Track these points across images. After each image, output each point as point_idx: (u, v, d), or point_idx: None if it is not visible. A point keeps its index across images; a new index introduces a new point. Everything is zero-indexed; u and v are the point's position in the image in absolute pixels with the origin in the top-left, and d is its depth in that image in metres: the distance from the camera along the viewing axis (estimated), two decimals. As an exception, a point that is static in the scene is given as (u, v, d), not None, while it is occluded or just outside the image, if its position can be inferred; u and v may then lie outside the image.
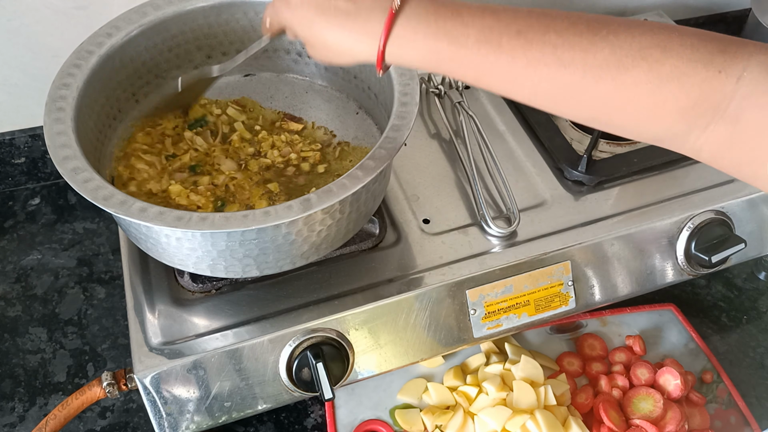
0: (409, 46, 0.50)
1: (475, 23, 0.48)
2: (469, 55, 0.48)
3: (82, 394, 0.64)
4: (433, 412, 0.72)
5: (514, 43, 0.47)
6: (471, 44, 0.48)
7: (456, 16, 0.49)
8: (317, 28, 0.52)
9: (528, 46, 0.47)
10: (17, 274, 0.87)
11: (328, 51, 0.53)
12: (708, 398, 0.75)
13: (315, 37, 0.53)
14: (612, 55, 0.45)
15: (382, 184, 0.66)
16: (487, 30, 0.48)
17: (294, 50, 0.78)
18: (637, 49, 0.45)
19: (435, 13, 0.49)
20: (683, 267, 0.75)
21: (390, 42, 0.50)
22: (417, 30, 0.49)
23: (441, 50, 0.49)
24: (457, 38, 0.48)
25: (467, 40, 0.48)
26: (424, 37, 0.49)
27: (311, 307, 0.65)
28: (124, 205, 0.55)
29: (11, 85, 0.88)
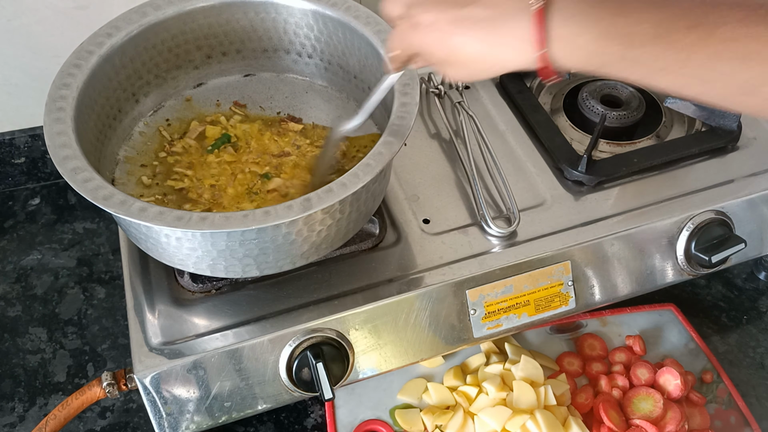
0: (573, 48, 0.45)
1: (648, 18, 0.44)
2: (644, 54, 0.44)
3: (82, 394, 0.64)
4: (433, 412, 0.72)
5: (691, 38, 0.43)
6: (646, 42, 0.44)
7: (624, 12, 0.44)
8: (456, 43, 0.48)
9: (707, 41, 0.43)
10: (17, 274, 0.87)
11: (472, 67, 0.49)
12: (708, 398, 0.75)
13: (455, 54, 0.48)
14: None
15: (382, 184, 0.66)
16: (660, 26, 0.43)
17: (294, 50, 0.78)
18: None
19: (598, 9, 0.44)
20: (683, 267, 0.75)
21: (551, 45, 0.45)
22: (581, 31, 0.45)
23: (611, 52, 0.45)
24: (631, 37, 0.44)
25: (643, 38, 0.44)
26: (594, 38, 0.44)
27: (311, 307, 0.65)
28: (124, 205, 0.55)
29: (11, 85, 0.88)
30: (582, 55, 0.46)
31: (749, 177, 0.77)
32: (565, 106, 0.87)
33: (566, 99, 0.88)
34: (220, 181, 0.68)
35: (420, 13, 0.49)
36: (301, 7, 0.73)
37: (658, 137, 0.83)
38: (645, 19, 0.44)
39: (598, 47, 0.45)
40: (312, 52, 0.77)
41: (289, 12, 0.74)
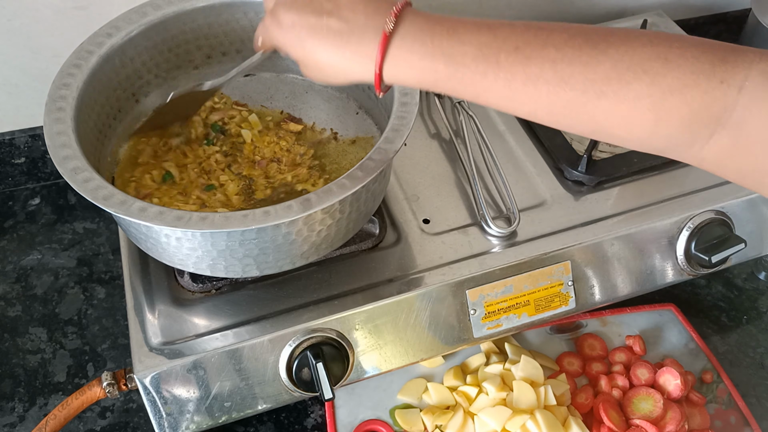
0: (405, 66, 0.49)
1: (472, 40, 0.47)
2: (467, 73, 0.47)
3: (82, 394, 0.64)
4: (433, 412, 0.72)
5: (513, 60, 0.46)
6: (468, 62, 0.47)
7: (452, 34, 0.48)
8: (309, 48, 0.51)
9: (527, 63, 0.46)
10: (17, 274, 0.87)
11: (321, 71, 0.52)
12: (708, 398, 0.75)
13: (307, 57, 0.52)
14: (613, 69, 0.44)
15: (382, 184, 0.66)
16: (484, 47, 0.47)
17: (294, 50, 0.78)
18: (638, 62, 0.44)
19: (430, 32, 0.48)
20: (683, 267, 0.75)
21: (386, 62, 0.49)
22: (413, 50, 0.48)
23: (438, 70, 0.48)
24: (454, 57, 0.47)
25: (464, 58, 0.47)
26: (421, 57, 0.48)
27: (311, 307, 0.65)
28: (124, 205, 0.55)
29: (11, 85, 0.88)
30: (414, 74, 0.49)
31: (749, 177, 0.77)
32: (565, 106, 0.87)
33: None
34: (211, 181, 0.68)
35: (284, 12, 0.52)
36: (301, 7, 0.73)
37: (658, 137, 0.83)
38: (470, 41, 0.47)
39: (428, 67, 0.48)
40: (312, 52, 0.77)
41: (289, 12, 0.74)
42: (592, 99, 0.45)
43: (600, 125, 0.47)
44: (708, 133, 0.44)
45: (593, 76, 0.45)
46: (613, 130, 0.47)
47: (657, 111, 0.44)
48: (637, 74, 0.44)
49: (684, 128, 0.45)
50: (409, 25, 0.49)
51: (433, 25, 0.49)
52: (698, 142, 0.45)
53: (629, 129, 0.46)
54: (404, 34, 0.49)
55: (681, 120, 0.44)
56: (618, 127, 0.46)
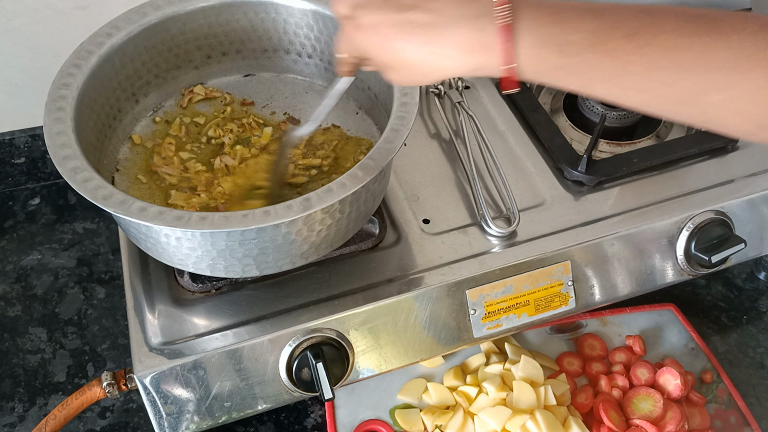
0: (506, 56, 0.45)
1: (581, 27, 0.44)
2: (579, 63, 0.44)
3: (82, 394, 0.64)
4: (433, 412, 0.72)
5: (629, 47, 0.43)
6: (580, 52, 0.44)
7: (559, 21, 0.44)
8: (396, 48, 0.47)
9: (643, 51, 0.43)
10: (17, 274, 0.87)
11: (411, 71, 0.48)
12: (708, 398, 0.75)
13: (396, 58, 0.48)
14: (733, 57, 0.42)
15: (382, 183, 0.66)
16: (597, 33, 0.44)
17: (294, 50, 0.78)
18: (754, 50, 0.42)
19: (536, 19, 0.44)
20: (683, 267, 0.75)
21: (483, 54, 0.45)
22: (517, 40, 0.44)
23: (547, 60, 0.45)
24: (564, 47, 0.44)
25: (575, 47, 0.44)
26: (527, 47, 0.45)
27: (311, 307, 0.65)
28: (124, 205, 0.55)
29: (11, 85, 0.88)
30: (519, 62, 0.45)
31: (749, 177, 0.77)
32: (565, 106, 0.87)
33: (566, 99, 0.88)
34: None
35: (363, 14, 0.48)
36: (301, 7, 0.73)
37: (658, 137, 0.83)
38: (581, 28, 0.44)
39: (534, 56, 0.45)
40: (312, 52, 0.77)
41: (289, 12, 0.74)
42: (710, 88, 0.43)
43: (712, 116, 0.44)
44: None
45: (713, 64, 0.42)
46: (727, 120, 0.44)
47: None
48: (754, 63, 0.42)
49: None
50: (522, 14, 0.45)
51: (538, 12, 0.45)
52: None
53: (745, 119, 0.44)
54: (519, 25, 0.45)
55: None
56: (733, 117, 0.44)
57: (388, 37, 0.47)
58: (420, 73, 0.48)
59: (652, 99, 0.45)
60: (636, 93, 0.45)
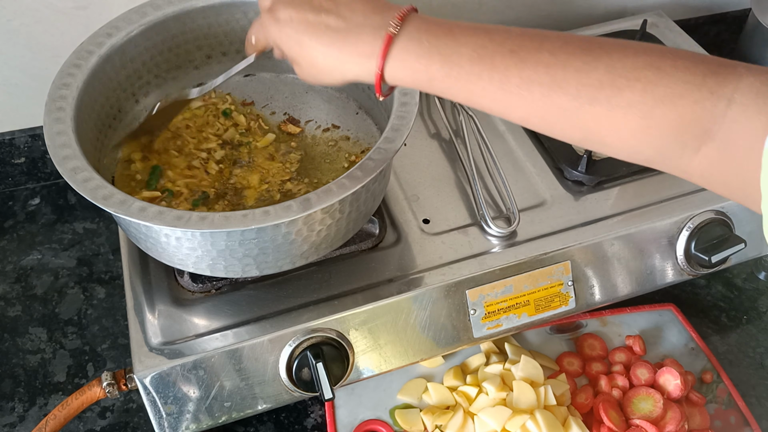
0: (401, 66, 0.49)
1: (468, 42, 0.48)
2: (462, 74, 0.48)
3: (82, 394, 0.64)
4: (433, 412, 0.72)
5: (508, 62, 0.46)
6: (463, 63, 0.47)
7: (448, 35, 0.48)
8: (305, 45, 0.51)
9: (521, 65, 0.46)
10: (17, 274, 0.87)
11: (316, 70, 0.52)
12: (708, 398, 0.75)
13: (303, 56, 0.52)
14: (606, 75, 0.45)
15: (382, 183, 0.66)
16: (480, 48, 0.47)
17: (294, 50, 0.78)
18: (631, 69, 0.44)
19: (427, 32, 0.48)
20: (683, 267, 0.75)
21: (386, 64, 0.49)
22: (408, 49, 0.49)
23: (433, 70, 0.48)
24: (450, 57, 0.48)
25: (460, 58, 0.47)
26: (417, 57, 0.48)
27: (311, 307, 0.65)
28: (124, 205, 0.55)
29: (11, 85, 0.88)
30: (409, 74, 0.49)
31: (749, 177, 0.77)
32: (565, 106, 0.87)
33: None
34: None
35: (283, 9, 0.52)
36: (301, 7, 0.73)
37: (658, 137, 0.83)
38: (466, 42, 0.48)
39: (423, 67, 0.48)
40: (312, 52, 0.77)
41: (289, 12, 0.74)
42: (585, 104, 0.45)
43: (591, 132, 0.47)
44: (697, 144, 0.45)
45: (586, 81, 0.45)
46: (604, 137, 0.47)
47: (648, 119, 0.45)
48: (630, 81, 0.44)
49: (673, 138, 0.45)
50: (410, 27, 0.49)
51: (431, 26, 0.49)
52: (687, 153, 0.45)
53: (619, 136, 0.46)
54: (405, 35, 0.49)
55: (671, 129, 0.45)
56: (608, 134, 0.46)
57: (300, 33, 0.51)
58: (323, 71, 0.52)
59: (531, 114, 0.48)
60: (516, 108, 0.48)
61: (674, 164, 0.47)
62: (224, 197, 0.67)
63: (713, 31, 1.14)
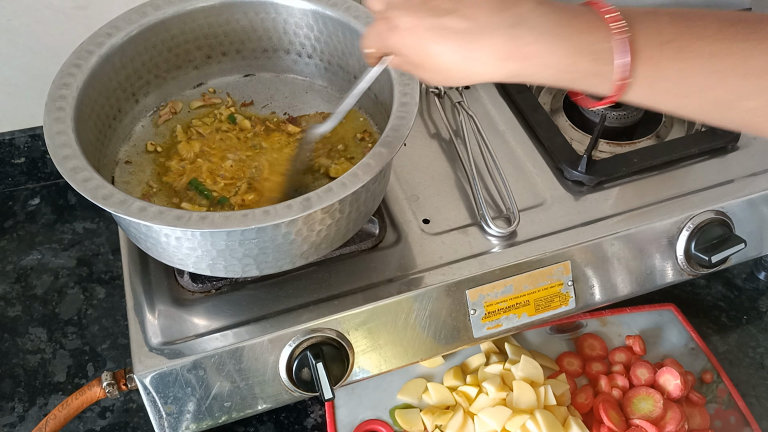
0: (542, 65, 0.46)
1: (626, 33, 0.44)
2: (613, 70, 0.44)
3: (82, 394, 0.64)
4: (433, 412, 0.72)
5: (663, 55, 0.43)
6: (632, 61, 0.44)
7: (592, 29, 0.44)
8: (431, 52, 0.47)
9: (678, 57, 0.43)
10: (17, 274, 0.87)
11: (443, 74, 0.49)
12: (708, 398, 0.75)
13: (429, 61, 0.48)
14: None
15: (382, 183, 0.66)
16: (634, 41, 0.44)
17: (294, 50, 0.78)
18: None
19: (567, 25, 0.45)
20: (683, 267, 0.75)
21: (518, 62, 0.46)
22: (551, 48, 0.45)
23: (581, 69, 0.45)
24: (599, 54, 0.44)
25: (607, 54, 0.44)
26: (562, 55, 0.45)
27: (311, 307, 0.65)
28: (124, 205, 0.55)
29: (11, 85, 0.88)
30: (553, 72, 0.46)
31: (749, 177, 0.77)
32: (565, 106, 0.87)
33: (566, 99, 0.88)
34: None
35: (400, 15, 0.48)
36: (301, 7, 0.73)
37: (658, 137, 0.83)
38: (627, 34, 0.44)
39: (569, 63, 0.45)
40: (312, 53, 0.77)
41: (289, 12, 0.74)
42: (747, 94, 0.43)
43: (749, 121, 0.44)
44: None
45: (750, 71, 0.42)
46: (764, 126, 0.44)
47: None
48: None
49: None
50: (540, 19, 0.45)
51: (570, 19, 0.45)
52: None
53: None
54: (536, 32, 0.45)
55: None
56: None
57: (424, 40, 0.47)
58: (454, 76, 0.49)
59: (690, 104, 0.45)
60: (673, 98, 0.45)
61: None
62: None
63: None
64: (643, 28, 0.44)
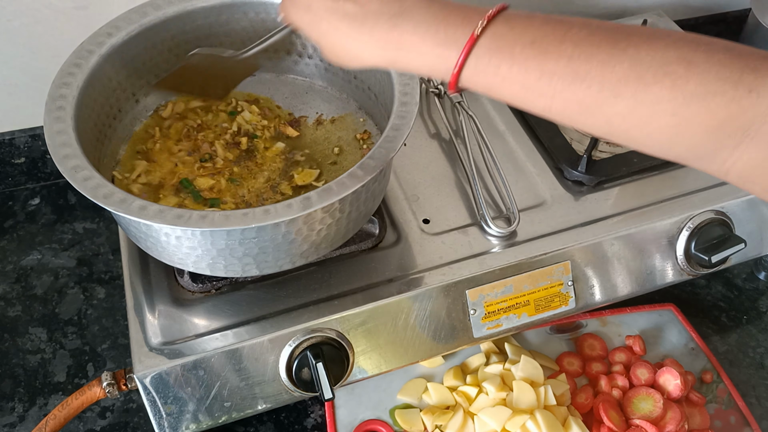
0: (416, 53, 0.48)
1: (486, 31, 0.46)
2: (480, 65, 0.46)
3: (82, 394, 0.64)
4: (433, 412, 0.72)
5: (528, 53, 0.45)
6: (482, 54, 0.46)
7: (466, 23, 0.46)
8: (324, 30, 0.51)
9: (542, 57, 0.44)
10: (17, 274, 0.87)
11: (336, 54, 0.52)
12: (708, 398, 0.75)
13: (323, 39, 0.52)
14: (632, 69, 0.42)
15: (382, 183, 0.66)
16: (498, 38, 0.45)
17: (294, 51, 0.78)
18: (660, 64, 0.42)
19: (445, 21, 0.47)
20: (683, 267, 0.75)
21: (396, 50, 0.48)
22: (425, 38, 0.47)
23: (449, 59, 0.47)
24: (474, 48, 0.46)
25: (478, 49, 0.46)
26: (434, 45, 0.47)
27: (311, 307, 0.65)
28: (124, 204, 0.55)
29: (11, 85, 0.88)
30: (425, 62, 0.48)
31: (749, 177, 0.77)
32: (565, 106, 0.87)
33: (566, 99, 0.88)
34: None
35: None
36: (301, 7, 0.73)
37: (658, 137, 0.83)
38: (485, 32, 0.46)
39: (439, 55, 0.47)
40: (312, 53, 0.77)
41: (289, 12, 0.74)
42: (609, 99, 0.43)
43: (616, 127, 0.45)
44: (733, 143, 0.42)
45: (610, 76, 0.43)
46: (630, 133, 0.45)
47: (678, 117, 0.42)
48: (657, 76, 0.42)
49: (706, 137, 0.42)
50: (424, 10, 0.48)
51: (448, 14, 0.47)
52: (722, 153, 0.43)
53: (647, 133, 0.44)
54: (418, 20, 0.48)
55: (704, 128, 0.42)
56: (635, 130, 0.44)
57: (319, 19, 0.51)
58: (342, 57, 0.52)
59: (553, 106, 0.46)
60: (536, 100, 0.46)
61: (708, 164, 0.45)
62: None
63: (713, 31, 1.15)
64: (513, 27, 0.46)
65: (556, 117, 0.47)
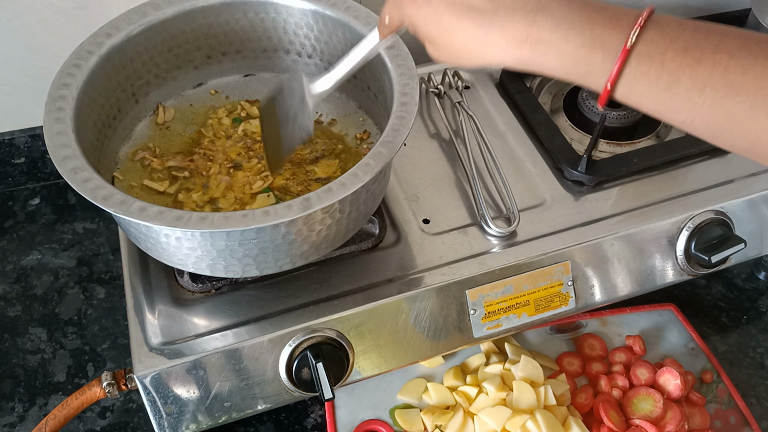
0: (556, 53, 0.45)
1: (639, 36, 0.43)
2: (626, 71, 0.43)
3: (82, 394, 0.64)
4: (433, 412, 0.72)
5: (680, 61, 0.42)
6: (630, 59, 0.43)
7: (614, 24, 0.43)
8: (445, 26, 0.47)
9: (696, 67, 0.41)
10: (17, 274, 0.87)
11: (454, 53, 0.49)
12: (708, 398, 0.75)
13: (441, 37, 0.48)
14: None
15: (382, 183, 0.66)
16: (649, 43, 0.43)
17: (294, 50, 0.78)
18: None
19: (590, 20, 0.44)
20: (683, 267, 0.75)
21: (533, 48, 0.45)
22: (569, 37, 0.44)
23: (594, 63, 0.44)
24: (614, 51, 0.43)
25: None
26: (577, 46, 0.44)
27: (311, 307, 0.65)
28: (124, 205, 0.55)
29: (11, 85, 0.88)
30: (565, 62, 0.45)
31: (749, 177, 0.77)
32: (565, 106, 0.87)
33: (566, 99, 0.88)
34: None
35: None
36: (301, 7, 0.73)
37: (658, 137, 0.83)
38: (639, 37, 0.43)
39: (582, 58, 0.44)
40: (312, 52, 0.77)
41: (288, 12, 0.74)
42: (760, 114, 0.41)
43: (760, 145, 0.42)
44: None
45: (765, 91, 0.40)
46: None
47: None
48: None
49: None
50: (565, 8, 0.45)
51: (592, 13, 0.44)
52: None
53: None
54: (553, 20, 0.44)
55: None
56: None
57: (441, 14, 0.47)
58: (465, 56, 0.48)
59: (696, 119, 0.43)
60: (680, 111, 0.44)
61: None
62: None
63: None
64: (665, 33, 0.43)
65: (697, 131, 0.45)
